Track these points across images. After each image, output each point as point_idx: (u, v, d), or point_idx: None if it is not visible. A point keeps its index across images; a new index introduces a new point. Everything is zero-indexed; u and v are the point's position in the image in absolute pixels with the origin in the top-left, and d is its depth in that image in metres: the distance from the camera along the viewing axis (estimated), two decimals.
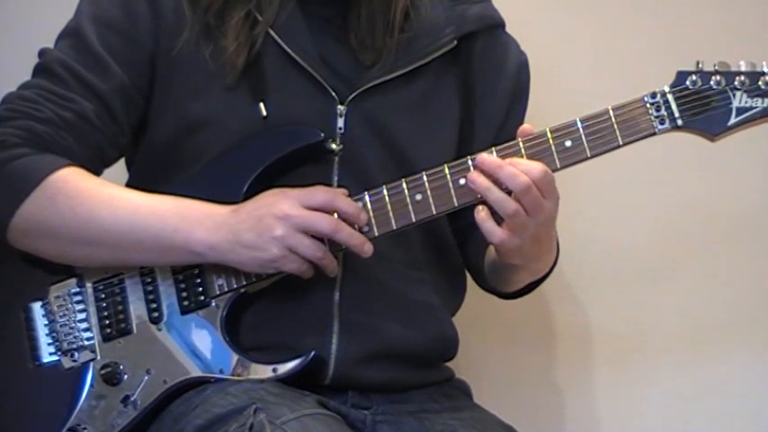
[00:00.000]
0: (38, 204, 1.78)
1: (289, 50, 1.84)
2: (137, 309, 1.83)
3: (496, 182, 1.72)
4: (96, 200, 1.78)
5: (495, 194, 1.72)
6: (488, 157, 1.74)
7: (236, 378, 1.80)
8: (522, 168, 1.72)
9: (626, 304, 2.36)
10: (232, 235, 1.75)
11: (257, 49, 1.84)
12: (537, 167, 1.72)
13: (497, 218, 1.74)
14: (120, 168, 1.94)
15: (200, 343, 1.81)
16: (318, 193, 1.77)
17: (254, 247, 1.75)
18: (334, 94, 1.85)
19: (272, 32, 1.85)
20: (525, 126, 1.78)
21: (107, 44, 1.84)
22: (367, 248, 1.77)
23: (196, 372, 1.81)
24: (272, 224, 1.74)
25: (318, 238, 1.76)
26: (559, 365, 2.38)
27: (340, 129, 1.85)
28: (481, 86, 1.96)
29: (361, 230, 1.78)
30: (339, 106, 1.85)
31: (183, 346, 1.82)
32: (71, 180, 1.79)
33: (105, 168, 1.89)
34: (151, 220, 1.78)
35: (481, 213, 1.73)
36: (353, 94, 1.86)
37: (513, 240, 1.74)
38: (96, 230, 1.78)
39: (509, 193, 1.72)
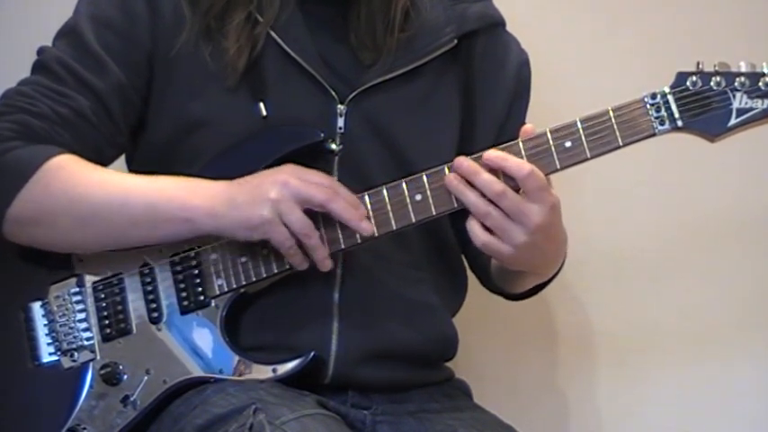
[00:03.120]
0: (33, 193, 1.77)
1: (289, 51, 1.84)
2: (136, 309, 1.83)
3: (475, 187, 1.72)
4: (90, 180, 1.77)
5: (468, 198, 1.72)
6: (465, 162, 1.74)
7: (235, 378, 1.79)
8: (510, 165, 1.71)
9: (626, 304, 2.36)
10: (228, 200, 1.74)
11: (258, 50, 1.84)
12: (524, 169, 1.71)
13: None
14: (119, 167, 1.93)
15: (199, 343, 1.81)
16: (318, 174, 1.77)
17: (245, 208, 1.73)
18: (334, 93, 1.85)
19: (272, 33, 1.85)
20: (527, 126, 1.77)
21: (105, 43, 1.84)
22: (365, 226, 1.75)
23: (196, 372, 1.80)
24: (269, 188, 1.73)
25: (316, 225, 1.75)
26: (559, 365, 2.38)
27: (340, 128, 1.85)
28: (482, 86, 1.95)
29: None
30: (339, 106, 1.85)
31: (182, 346, 1.81)
32: (66, 166, 1.78)
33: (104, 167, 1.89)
34: (147, 191, 1.77)
35: (471, 218, 1.74)
36: (353, 94, 1.86)
37: (504, 248, 1.73)
38: (90, 208, 1.76)
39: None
